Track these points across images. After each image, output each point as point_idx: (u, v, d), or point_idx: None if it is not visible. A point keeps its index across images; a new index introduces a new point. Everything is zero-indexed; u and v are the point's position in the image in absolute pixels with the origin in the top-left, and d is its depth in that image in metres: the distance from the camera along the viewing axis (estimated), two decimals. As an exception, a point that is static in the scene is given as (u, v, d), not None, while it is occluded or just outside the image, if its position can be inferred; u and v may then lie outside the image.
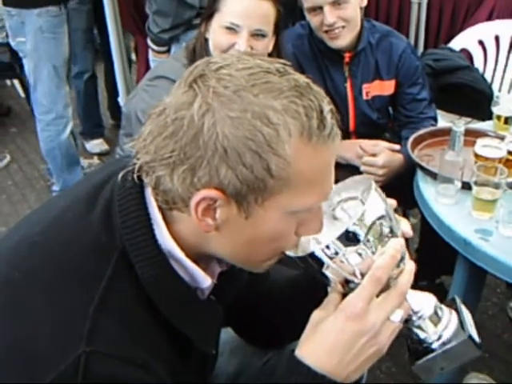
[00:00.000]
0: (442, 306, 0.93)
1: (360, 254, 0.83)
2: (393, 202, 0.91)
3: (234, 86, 0.75)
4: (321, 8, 1.98)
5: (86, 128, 3.99)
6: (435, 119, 2.25)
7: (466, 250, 1.51)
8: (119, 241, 0.81)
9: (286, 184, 0.77)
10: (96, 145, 4.00)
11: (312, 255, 0.84)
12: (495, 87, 3.06)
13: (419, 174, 1.82)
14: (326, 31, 2.03)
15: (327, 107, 0.79)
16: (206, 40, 1.75)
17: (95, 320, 0.75)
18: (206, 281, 0.87)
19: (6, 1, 3.00)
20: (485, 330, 2.37)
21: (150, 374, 0.78)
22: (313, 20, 2.04)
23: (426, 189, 1.74)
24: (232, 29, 1.66)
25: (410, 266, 0.87)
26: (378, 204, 0.85)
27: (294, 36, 2.17)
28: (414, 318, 0.90)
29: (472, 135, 1.85)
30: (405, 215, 2.64)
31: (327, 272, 0.85)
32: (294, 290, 1.08)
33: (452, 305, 0.96)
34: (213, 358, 1.05)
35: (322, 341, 0.82)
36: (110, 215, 0.83)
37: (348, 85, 2.16)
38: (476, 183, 1.55)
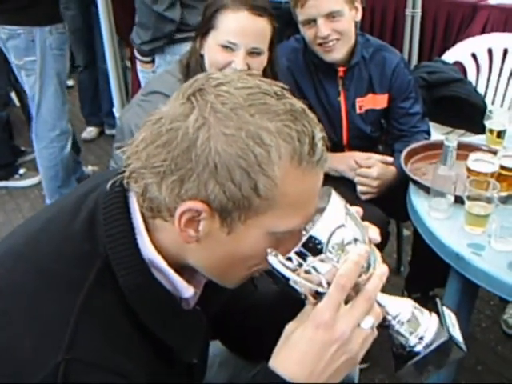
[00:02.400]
0: (422, 309, 0.92)
1: (323, 264, 0.83)
2: (358, 210, 0.91)
3: (231, 103, 0.77)
4: (315, 21, 1.99)
5: None
6: (428, 133, 2.26)
7: (459, 264, 1.51)
8: (102, 249, 0.82)
9: (271, 205, 0.78)
10: None
11: (276, 270, 0.83)
12: (488, 100, 3.08)
13: (412, 187, 1.83)
14: (320, 44, 2.04)
15: (319, 134, 0.81)
16: (202, 56, 1.75)
17: (76, 328, 0.76)
18: (187, 290, 0.88)
19: (12, 20, 2.93)
20: (478, 342, 2.37)
21: (129, 380, 0.78)
22: (307, 33, 2.06)
23: (419, 203, 1.74)
24: (229, 47, 1.67)
25: (379, 271, 0.86)
26: (338, 212, 0.84)
27: (289, 50, 2.18)
28: (393, 323, 0.90)
29: (465, 149, 1.85)
30: (398, 228, 2.66)
31: (294, 284, 0.84)
32: (281, 302, 1.07)
33: (433, 307, 0.96)
34: (200, 368, 1.05)
35: (293, 351, 0.82)
36: (94, 224, 0.84)
37: (341, 98, 2.17)
38: (468, 198, 1.56)
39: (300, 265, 0.83)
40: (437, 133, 2.79)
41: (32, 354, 0.74)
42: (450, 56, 3.13)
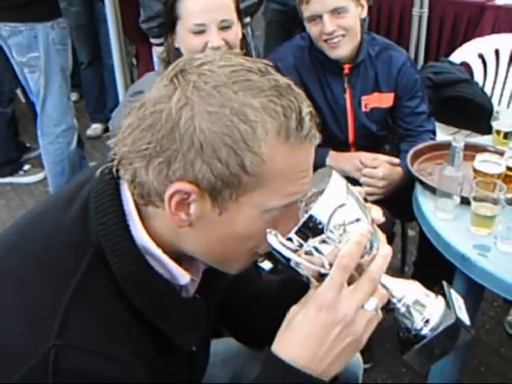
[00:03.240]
0: (429, 292, 0.90)
1: (325, 244, 0.81)
2: (360, 190, 0.90)
3: (214, 81, 0.76)
4: (320, 17, 2.00)
5: None
6: (434, 132, 2.26)
7: (464, 265, 1.50)
8: (95, 237, 0.81)
9: (261, 181, 0.78)
10: None
11: (276, 250, 0.82)
12: (495, 101, 3.07)
13: (418, 188, 1.82)
14: (326, 40, 2.04)
15: (306, 109, 0.80)
16: (178, 49, 1.76)
17: (67, 314, 0.75)
18: (184, 277, 0.87)
19: (13, 17, 2.92)
20: (481, 343, 2.37)
21: (123, 369, 0.77)
22: (312, 29, 2.06)
23: (425, 203, 1.74)
24: (199, 30, 1.68)
25: (383, 251, 0.84)
26: (339, 192, 0.83)
27: (294, 48, 2.19)
28: (398, 306, 0.88)
29: (472, 150, 1.85)
30: (403, 228, 2.65)
31: (295, 266, 0.83)
32: (287, 289, 1.07)
33: (439, 291, 0.93)
34: (201, 357, 1.03)
35: (295, 334, 0.80)
36: (87, 213, 0.83)
37: (347, 96, 2.17)
38: (475, 199, 1.55)
39: (301, 245, 0.81)
40: (443, 133, 2.78)
41: (22, 340, 0.74)
42: (456, 56, 3.13)
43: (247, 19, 3.04)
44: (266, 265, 1.29)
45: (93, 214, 0.82)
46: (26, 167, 3.87)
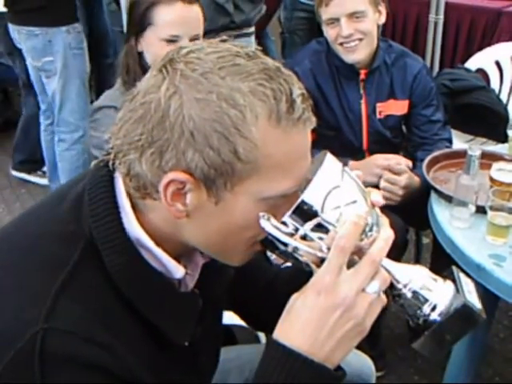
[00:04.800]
0: (436, 277, 0.87)
1: (321, 227, 0.80)
2: (358, 173, 0.87)
3: (201, 68, 0.75)
4: (338, 20, 2.01)
5: None
6: (450, 141, 2.24)
7: (480, 275, 1.49)
8: (87, 229, 0.81)
9: (255, 168, 0.76)
10: None
11: (272, 235, 0.80)
12: (511, 109, 3.05)
13: (433, 196, 1.82)
14: (342, 44, 2.05)
15: (298, 91, 0.78)
16: (139, 53, 1.77)
17: (56, 300, 0.75)
18: (177, 270, 0.86)
19: (29, 20, 2.93)
20: (495, 353, 2.35)
21: (112, 357, 0.76)
22: (329, 32, 2.07)
23: (440, 211, 1.73)
24: (172, 40, 1.70)
25: (384, 234, 0.82)
26: (333, 174, 0.81)
27: (311, 52, 2.20)
28: (405, 291, 0.84)
29: (488, 158, 1.84)
30: (417, 235, 2.64)
31: (292, 252, 0.81)
32: (299, 275, 1.06)
33: (449, 275, 0.91)
34: (204, 353, 1.01)
35: (295, 321, 0.79)
36: (80, 205, 0.83)
37: (363, 102, 2.17)
38: (491, 208, 1.55)
39: (296, 229, 0.80)
40: (459, 141, 2.77)
41: (11, 326, 0.74)
42: (473, 63, 3.11)
43: (250, 29, 3.08)
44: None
45: (86, 206, 0.82)
46: (45, 169, 3.87)
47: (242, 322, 1.43)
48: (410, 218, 2.08)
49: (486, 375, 2.23)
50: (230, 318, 1.23)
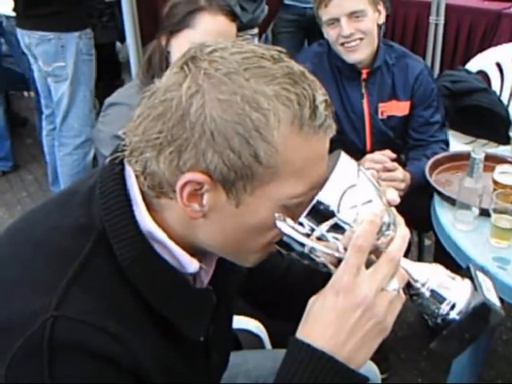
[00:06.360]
0: (454, 275, 0.86)
1: (337, 227, 0.79)
2: (373, 172, 0.87)
3: (225, 68, 0.74)
4: (338, 20, 2.02)
5: None
6: (446, 143, 2.24)
7: (484, 277, 1.49)
8: (99, 222, 0.80)
9: (275, 173, 0.75)
10: None
11: (288, 236, 0.79)
12: (511, 110, 3.05)
13: (436, 198, 1.81)
14: (343, 44, 2.05)
15: (321, 97, 0.77)
16: (168, 52, 1.75)
17: (68, 289, 0.74)
18: (191, 264, 0.85)
19: (43, 25, 2.92)
20: (498, 355, 2.35)
21: (123, 348, 0.75)
22: (330, 33, 2.08)
23: (444, 214, 1.73)
24: None
25: (401, 232, 0.81)
26: (348, 172, 0.80)
27: (312, 54, 2.21)
28: (423, 291, 0.83)
29: (491, 161, 1.84)
30: (419, 237, 2.63)
31: (309, 253, 0.80)
32: (311, 273, 1.02)
33: (466, 273, 0.90)
34: (216, 349, 1.00)
35: (315, 322, 0.78)
36: (92, 199, 0.83)
37: (365, 102, 2.17)
38: (494, 210, 1.54)
39: (312, 230, 0.79)
40: (459, 142, 2.77)
41: (22, 314, 0.74)
42: (473, 65, 3.11)
43: (254, 30, 3.08)
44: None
45: (97, 199, 0.82)
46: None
47: (246, 327, 1.44)
48: (412, 221, 2.07)
49: (489, 377, 2.23)
50: (234, 322, 1.23)
